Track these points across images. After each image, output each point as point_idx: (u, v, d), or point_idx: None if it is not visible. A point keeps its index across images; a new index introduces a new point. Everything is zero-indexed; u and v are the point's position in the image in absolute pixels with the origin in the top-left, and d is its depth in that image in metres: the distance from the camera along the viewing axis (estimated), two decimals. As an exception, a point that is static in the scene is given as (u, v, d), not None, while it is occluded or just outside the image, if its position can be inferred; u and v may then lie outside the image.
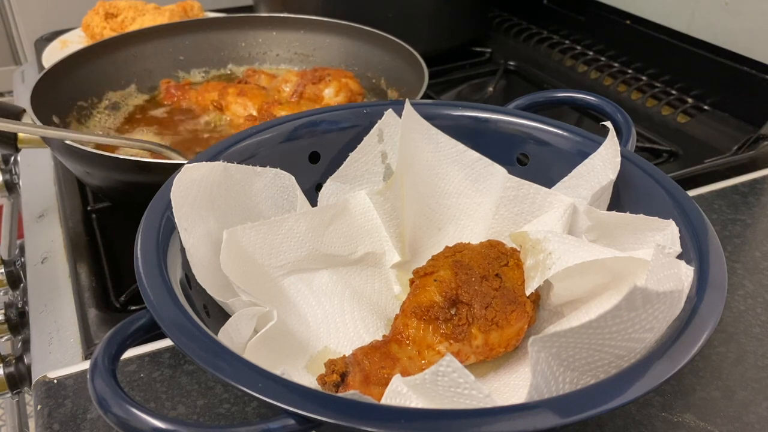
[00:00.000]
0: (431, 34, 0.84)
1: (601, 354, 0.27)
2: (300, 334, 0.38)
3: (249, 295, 0.34)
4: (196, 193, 0.36)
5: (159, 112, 0.67)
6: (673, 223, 0.34)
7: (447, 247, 0.40)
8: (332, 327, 0.39)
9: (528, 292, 0.36)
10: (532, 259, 0.36)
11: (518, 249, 0.39)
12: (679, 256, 0.33)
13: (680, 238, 0.34)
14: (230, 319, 0.33)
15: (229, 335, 0.32)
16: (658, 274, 0.29)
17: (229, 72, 0.77)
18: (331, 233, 0.42)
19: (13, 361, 0.48)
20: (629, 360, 0.28)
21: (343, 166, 0.43)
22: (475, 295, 0.35)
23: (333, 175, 0.43)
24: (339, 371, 0.33)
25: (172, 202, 0.34)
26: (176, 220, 0.34)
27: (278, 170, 0.41)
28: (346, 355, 0.34)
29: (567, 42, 0.91)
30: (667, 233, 0.34)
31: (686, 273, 0.31)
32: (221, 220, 0.37)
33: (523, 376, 0.36)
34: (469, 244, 0.40)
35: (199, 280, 0.34)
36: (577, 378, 0.28)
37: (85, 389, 0.39)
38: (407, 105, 0.41)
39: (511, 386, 0.35)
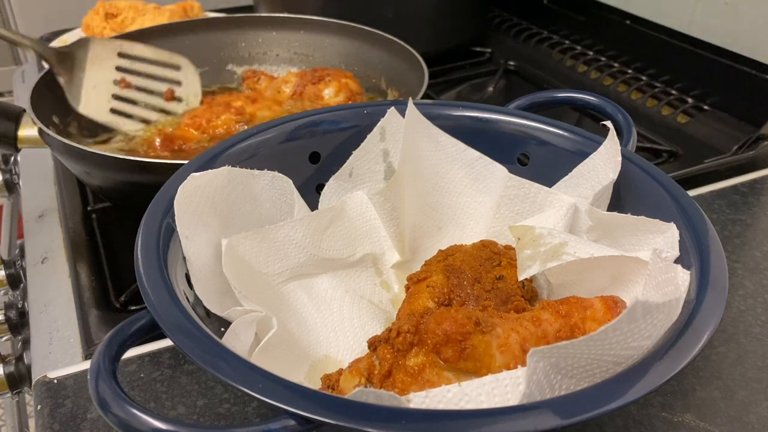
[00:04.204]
0: (431, 34, 0.84)
1: (599, 362, 0.27)
2: (301, 342, 0.38)
3: (251, 302, 0.34)
4: (199, 200, 0.36)
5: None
6: (674, 226, 0.34)
7: (440, 250, 0.40)
8: (332, 335, 0.39)
9: (520, 278, 0.36)
10: (531, 250, 0.36)
11: (512, 245, 0.39)
12: (678, 260, 0.33)
13: (681, 238, 0.34)
14: (229, 328, 0.33)
15: (230, 344, 0.32)
16: (656, 279, 0.29)
17: (229, 69, 0.77)
18: (329, 237, 0.42)
19: (13, 361, 0.48)
20: (625, 366, 0.28)
21: (345, 164, 0.43)
22: (467, 298, 0.35)
23: (335, 174, 0.43)
24: (335, 386, 0.32)
25: (175, 211, 0.34)
26: (178, 228, 0.34)
27: (276, 173, 0.40)
28: (343, 369, 0.34)
29: (567, 42, 0.91)
30: (668, 236, 0.34)
31: (683, 277, 0.31)
32: (222, 225, 0.37)
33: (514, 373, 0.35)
34: (462, 246, 0.40)
35: (197, 292, 0.34)
36: (574, 385, 0.28)
37: (85, 389, 0.39)
38: (410, 104, 0.41)
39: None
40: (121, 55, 0.68)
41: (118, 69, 0.67)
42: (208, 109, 0.64)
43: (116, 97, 0.67)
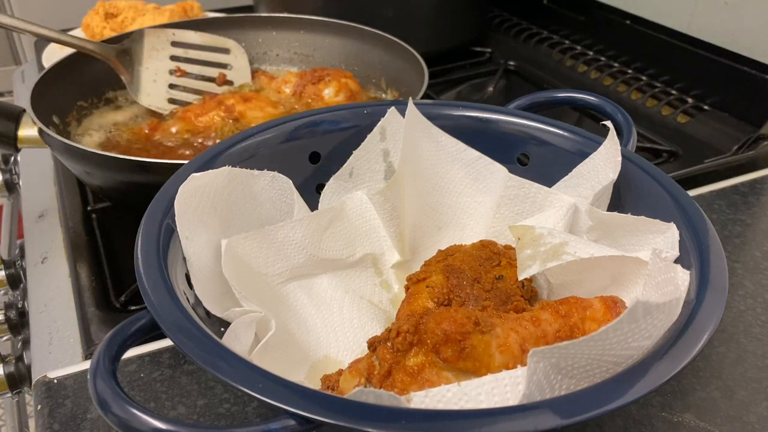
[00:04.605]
0: (431, 34, 0.84)
1: (600, 362, 0.27)
2: (301, 343, 0.38)
3: (250, 303, 0.34)
4: (199, 200, 0.36)
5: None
6: (674, 226, 0.34)
7: (440, 250, 0.40)
8: (332, 336, 0.39)
9: (520, 278, 0.36)
10: (531, 250, 0.36)
11: (512, 245, 0.39)
12: (678, 260, 0.33)
13: (681, 239, 0.34)
14: (228, 328, 0.33)
15: (229, 344, 0.32)
16: (656, 279, 0.29)
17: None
18: (329, 237, 0.42)
19: (13, 361, 0.48)
20: (625, 366, 0.28)
21: (345, 164, 0.43)
22: (467, 298, 0.35)
23: (335, 174, 0.43)
24: (335, 387, 0.32)
25: (175, 211, 0.34)
26: (178, 229, 0.34)
27: (275, 173, 0.40)
28: (343, 369, 0.34)
29: (567, 42, 0.91)
30: (668, 236, 0.34)
31: (682, 277, 0.31)
32: (222, 225, 0.37)
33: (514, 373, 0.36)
34: (462, 246, 0.40)
35: (197, 293, 0.34)
36: (574, 385, 0.28)
37: (85, 389, 0.39)
38: (410, 104, 0.41)
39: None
40: (174, 44, 0.69)
41: (173, 58, 0.69)
42: (201, 105, 0.65)
43: (172, 86, 0.68)
